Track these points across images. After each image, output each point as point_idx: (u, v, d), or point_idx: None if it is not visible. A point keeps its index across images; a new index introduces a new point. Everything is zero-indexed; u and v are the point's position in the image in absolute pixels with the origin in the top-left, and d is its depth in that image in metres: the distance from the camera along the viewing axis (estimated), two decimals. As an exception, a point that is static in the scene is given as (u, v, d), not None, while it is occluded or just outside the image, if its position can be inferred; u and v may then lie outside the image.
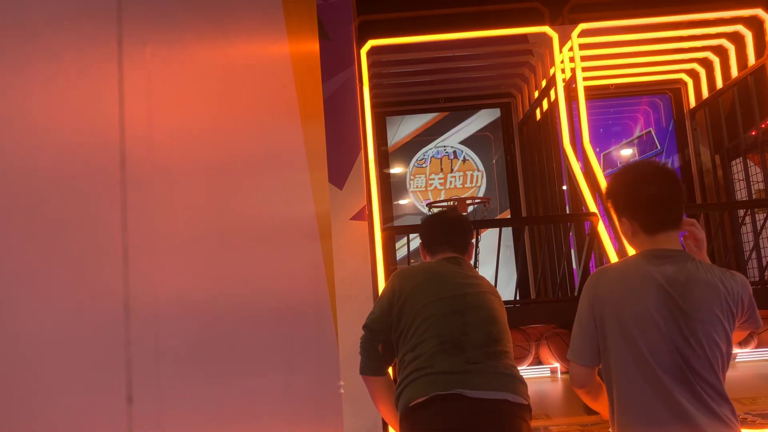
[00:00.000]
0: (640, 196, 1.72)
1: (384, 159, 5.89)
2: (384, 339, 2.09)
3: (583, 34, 4.56)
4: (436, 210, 5.58)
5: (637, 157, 5.80)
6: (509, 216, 5.81)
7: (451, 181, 5.90)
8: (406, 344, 2.02)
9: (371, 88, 4.35)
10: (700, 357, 1.61)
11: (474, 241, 2.37)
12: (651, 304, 1.64)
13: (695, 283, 1.63)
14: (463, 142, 5.94)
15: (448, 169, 5.91)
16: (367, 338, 2.12)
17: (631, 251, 3.72)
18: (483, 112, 5.95)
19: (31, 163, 0.44)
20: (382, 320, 2.09)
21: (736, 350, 3.42)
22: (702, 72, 5.32)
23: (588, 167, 4.27)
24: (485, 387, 1.89)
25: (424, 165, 5.92)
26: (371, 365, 2.11)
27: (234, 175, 0.95)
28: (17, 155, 0.43)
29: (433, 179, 5.89)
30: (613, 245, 3.84)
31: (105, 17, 0.55)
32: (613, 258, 3.68)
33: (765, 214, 3.90)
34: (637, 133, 5.84)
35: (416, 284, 2.09)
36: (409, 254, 3.84)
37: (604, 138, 5.85)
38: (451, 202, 5.23)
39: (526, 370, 4.00)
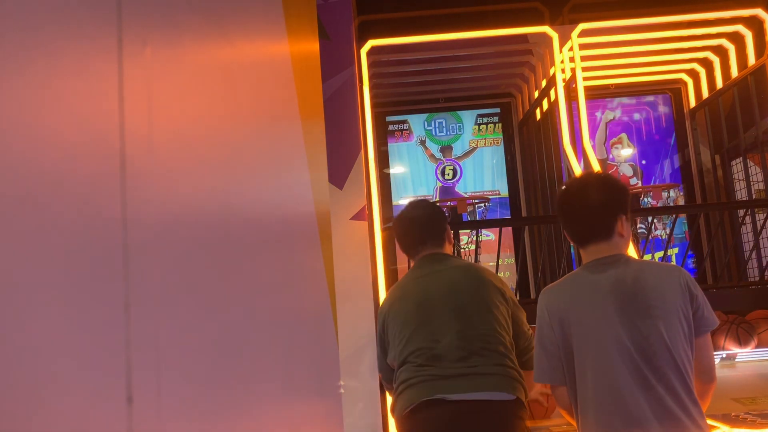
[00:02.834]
0: (564, 208, 1.79)
1: (384, 159, 5.89)
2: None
3: (583, 34, 4.55)
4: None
5: (637, 157, 5.80)
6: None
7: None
8: (395, 365, 2.12)
9: (371, 88, 4.35)
10: (663, 355, 1.59)
11: (450, 230, 2.32)
12: (607, 311, 1.64)
13: (643, 282, 1.64)
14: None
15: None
16: (386, 380, 2.28)
17: (632, 251, 3.73)
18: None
19: (31, 163, 0.44)
20: (383, 361, 2.22)
21: (735, 350, 3.42)
22: (702, 72, 5.32)
23: (588, 167, 4.27)
24: (465, 390, 1.91)
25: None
26: None
27: (234, 175, 0.95)
28: (17, 155, 0.43)
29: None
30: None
31: (105, 17, 0.55)
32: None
33: (765, 214, 3.90)
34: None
35: (394, 311, 2.15)
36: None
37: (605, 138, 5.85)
38: (450, 202, 5.22)
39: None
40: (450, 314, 2.02)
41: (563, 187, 1.87)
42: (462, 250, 5.12)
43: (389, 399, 3.04)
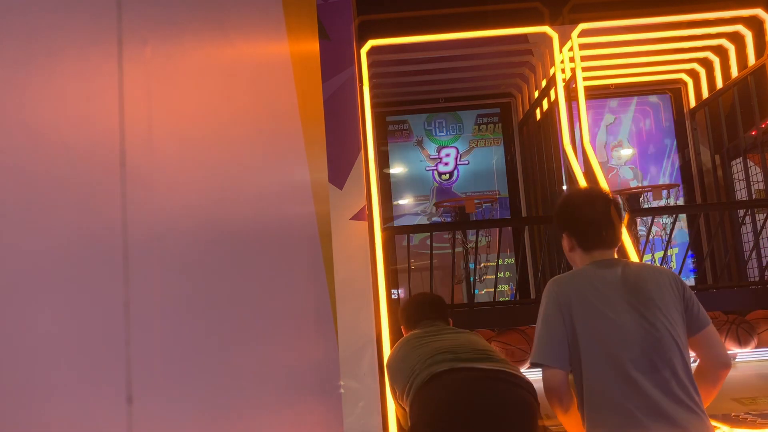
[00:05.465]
0: (576, 214, 1.95)
1: (384, 159, 5.89)
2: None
3: (583, 34, 4.55)
4: (443, 209, 5.61)
5: (637, 159, 5.79)
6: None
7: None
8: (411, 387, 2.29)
9: (371, 88, 4.35)
10: (668, 343, 1.71)
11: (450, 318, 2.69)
12: (617, 301, 1.78)
13: (643, 278, 1.82)
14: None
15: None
16: None
17: (631, 252, 3.72)
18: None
19: (31, 163, 0.44)
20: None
21: (736, 350, 3.42)
22: (702, 72, 5.32)
23: (588, 167, 4.27)
24: (479, 363, 2.15)
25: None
26: None
27: (234, 175, 0.95)
28: (17, 155, 0.43)
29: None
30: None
31: (105, 17, 0.55)
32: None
33: (765, 214, 3.90)
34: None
35: (399, 358, 2.42)
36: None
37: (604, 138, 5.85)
38: (459, 202, 5.22)
39: (525, 372, 3.99)
40: (461, 337, 2.38)
41: (567, 199, 2.05)
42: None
43: (389, 399, 3.04)
